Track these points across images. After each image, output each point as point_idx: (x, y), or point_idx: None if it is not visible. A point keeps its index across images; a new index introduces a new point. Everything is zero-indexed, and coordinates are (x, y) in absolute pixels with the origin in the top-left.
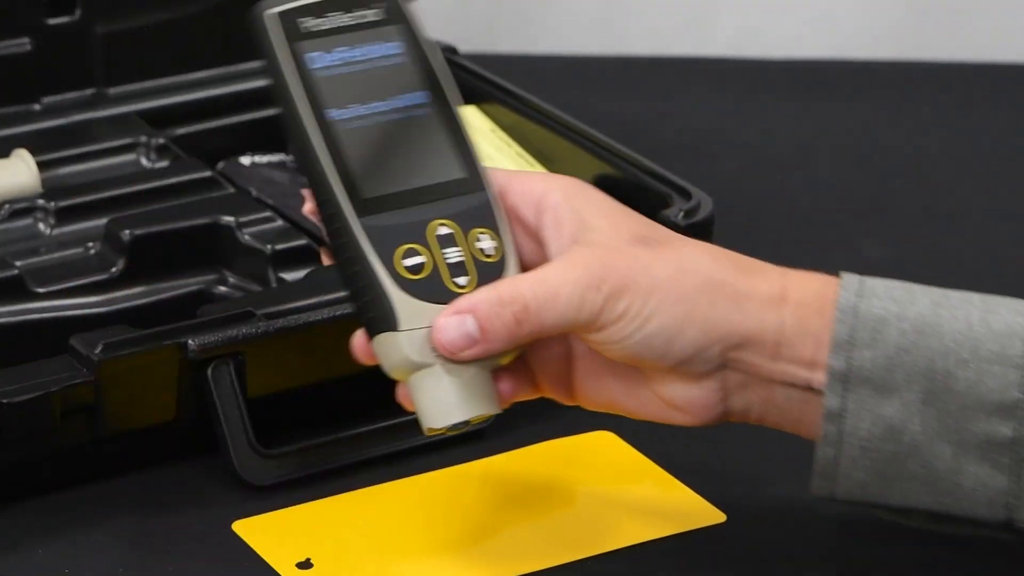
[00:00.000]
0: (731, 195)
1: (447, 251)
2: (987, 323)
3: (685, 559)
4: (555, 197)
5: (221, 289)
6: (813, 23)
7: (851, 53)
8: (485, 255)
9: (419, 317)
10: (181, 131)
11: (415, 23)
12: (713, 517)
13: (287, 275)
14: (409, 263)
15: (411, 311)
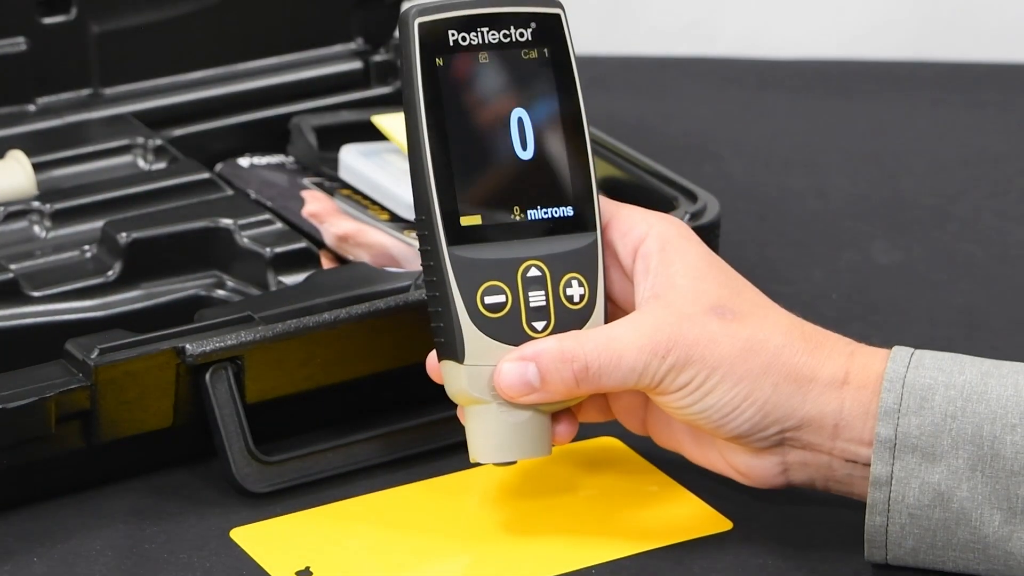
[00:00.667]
0: (738, 197)
1: (532, 294)
2: None
3: (691, 567)
4: (651, 245)
5: (219, 293)
6: (821, 22)
7: (859, 53)
8: (571, 302)
9: (486, 354)
10: (178, 132)
11: (568, 45)
12: (719, 525)
13: (286, 278)
14: (490, 301)
15: (479, 347)
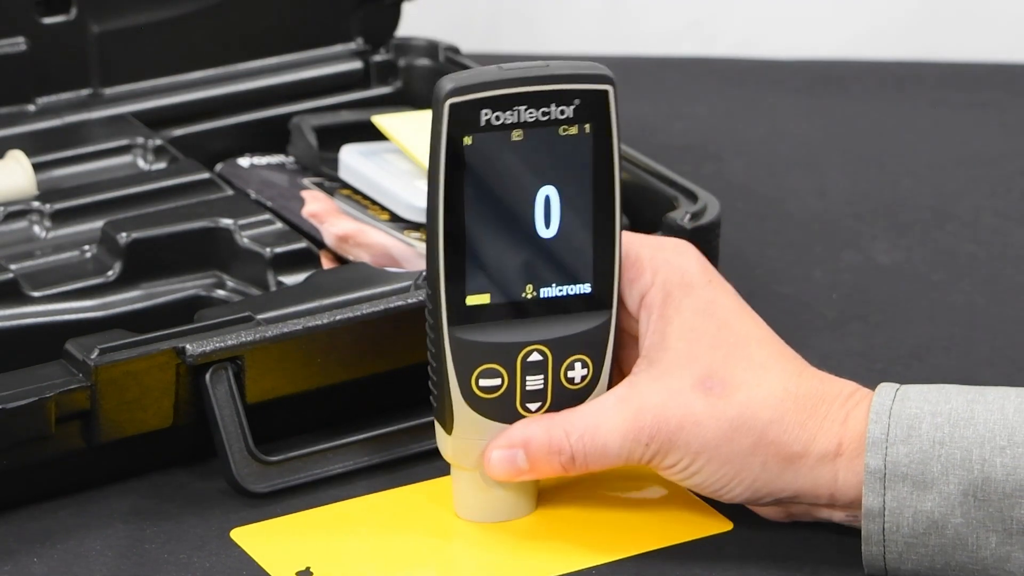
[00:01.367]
0: (738, 197)
1: (530, 378)
2: (1022, 410)
3: (691, 567)
4: (654, 296)
5: (219, 293)
6: (821, 22)
7: (859, 53)
8: (571, 383)
9: (475, 429)
10: (178, 132)
11: (612, 122)
12: (719, 525)
13: (286, 278)
14: (485, 384)
15: (469, 423)
